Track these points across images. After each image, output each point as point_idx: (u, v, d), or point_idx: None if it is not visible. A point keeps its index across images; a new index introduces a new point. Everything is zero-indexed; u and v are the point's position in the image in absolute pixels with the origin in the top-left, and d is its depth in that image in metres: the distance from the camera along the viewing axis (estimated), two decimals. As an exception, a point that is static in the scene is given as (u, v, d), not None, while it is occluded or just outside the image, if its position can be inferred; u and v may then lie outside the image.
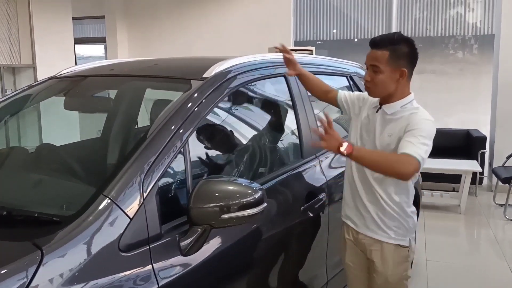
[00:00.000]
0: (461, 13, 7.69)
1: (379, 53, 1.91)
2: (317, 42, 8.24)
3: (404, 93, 1.97)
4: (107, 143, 2.23)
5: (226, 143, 2.17)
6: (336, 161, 2.51)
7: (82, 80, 2.35)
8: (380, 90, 1.95)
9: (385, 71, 1.91)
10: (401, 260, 2.03)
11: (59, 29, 5.97)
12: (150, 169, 1.52)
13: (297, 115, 2.32)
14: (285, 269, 2.06)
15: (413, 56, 1.96)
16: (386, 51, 1.90)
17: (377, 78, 1.92)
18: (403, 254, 2.03)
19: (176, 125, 1.66)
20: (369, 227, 2.04)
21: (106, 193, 1.42)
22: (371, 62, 1.94)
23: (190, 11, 7.18)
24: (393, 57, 1.90)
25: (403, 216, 2.01)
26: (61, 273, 1.25)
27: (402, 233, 2.02)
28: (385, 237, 2.02)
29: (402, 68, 1.92)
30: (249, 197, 1.56)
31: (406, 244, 2.03)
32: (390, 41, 1.92)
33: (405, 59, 1.92)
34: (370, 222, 2.03)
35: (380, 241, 2.03)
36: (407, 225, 2.03)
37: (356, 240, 2.12)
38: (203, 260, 1.58)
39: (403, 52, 1.92)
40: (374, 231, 2.03)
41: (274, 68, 2.36)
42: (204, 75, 1.93)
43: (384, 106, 1.98)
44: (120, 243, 1.37)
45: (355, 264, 2.16)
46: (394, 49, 1.90)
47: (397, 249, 2.02)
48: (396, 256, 2.02)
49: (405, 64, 1.92)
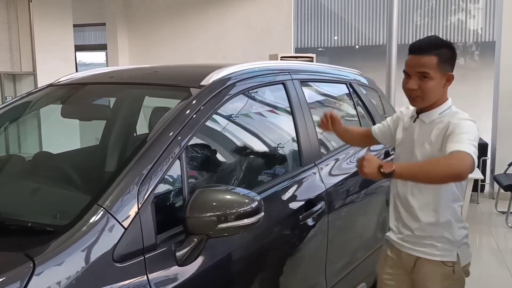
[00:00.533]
0: (462, 20, 7.69)
1: (427, 59, 1.80)
2: (318, 49, 8.25)
3: (444, 99, 1.88)
4: (104, 151, 2.22)
5: (224, 151, 2.16)
6: (336, 169, 2.49)
7: (79, 88, 2.34)
8: (430, 97, 1.84)
9: (435, 77, 1.80)
10: (442, 278, 1.90)
11: (60, 36, 5.99)
12: (146, 178, 1.50)
13: (296, 122, 2.30)
14: (282, 278, 2.03)
15: (455, 60, 1.88)
16: (434, 56, 1.80)
17: (427, 85, 1.81)
18: (445, 271, 1.90)
19: (173, 134, 1.65)
20: (411, 244, 1.94)
21: (101, 203, 1.40)
22: (418, 69, 1.81)
23: (191, 19, 7.19)
24: (441, 62, 1.81)
25: (447, 229, 1.89)
26: (53, 284, 1.23)
27: (447, 248, 1.90)
28: (425, 254, 1.91)
29: (450, 73, 1.84)
30: (246, 206, 1.54)
31: (450, 259, 1.90)
32: (435, 46, 1.82)
33: (450, 64, 1.85)
34: (412, 238, 1.94)
35: (423, 258, 1.92)
36: (452, 238, 1.90)
37: (398, 257, 2.01)
38: (199, 270, 1.55)
39: (448, 56, 1.84)
40: (414, 247, 1.93)
41: (273, 75, 2.34)
42: (202, 82, 1.92)
43: (422, 115, 1.90)
44: (114, 254, 1.35)
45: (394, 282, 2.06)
46: (440, 54, 1.81)
47: (439, 265, 1.90)
48: (436, 273, 1.90)
49: (451, 68, 1.85)
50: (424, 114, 1.90)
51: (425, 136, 1.86)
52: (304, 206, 2.14)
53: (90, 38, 9.51)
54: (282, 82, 2.34)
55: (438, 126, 1.83)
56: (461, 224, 1.95)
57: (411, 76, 1.84)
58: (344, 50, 8.37)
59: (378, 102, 3.37)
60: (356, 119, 3.04)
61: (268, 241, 1.91)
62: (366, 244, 2.78)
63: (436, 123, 1.85)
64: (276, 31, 6.75)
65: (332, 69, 3.07)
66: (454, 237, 1.90)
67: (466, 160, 1.61)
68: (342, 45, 8.28)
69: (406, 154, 1.94)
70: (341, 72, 3.10)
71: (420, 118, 1.91)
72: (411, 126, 1.95)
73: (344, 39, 8.17)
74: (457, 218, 1.93)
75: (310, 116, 2.40)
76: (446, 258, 1.90)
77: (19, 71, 5.62)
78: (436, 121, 1.86)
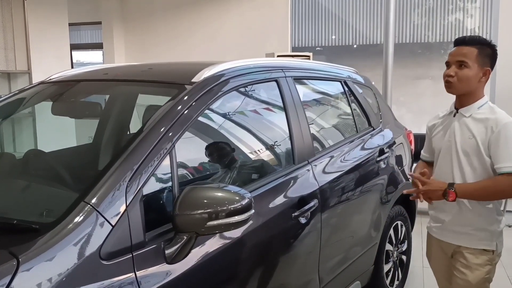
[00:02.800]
0: (460, 19, 7.68)
1: (468, 49, 1.98)
2: (316, 48, 8.23)
3: (480, 94, 2.04)
4: (95, 149, 2.20)
5: (216, 148, 2.14)
6: (329, 167, 2.47)
7: (70, 85, 2.32)
8: (463, 86, 1.99)
9: (472, 67, 1.97)
10: (484, 263, 2.06)
11: (55, 35, 5.94)
12: (134, 175, 1.48)
13: (289, 120, 2.28)
14: (274, 276, 2.01)
15: (495, 60, 2.04)
16: (474, 48, 1.98)
17: (462, 73, 1.97)
18: (487, 257, 2.06)
19: (163, 130, 1.63)
20: (453, 231, 2.10)
21: (88, 200, 1.39)
22: (458, 58, 1.99)
23: (187, 18, 7.17)
24: (481, 55, 1.98)
25: (489, 221, 2.04)
26: (38, 283, 1.21)
27: (487, 237, 2.05)
28: (468, 243, 2.06)
29: (487, 68, 1.99)
30: (236, 203, 1.52)
31: (491, 248, 2.06)
32: (478, 41, 2.01)
33: (490, 60, 2.01)
34: (454, 226, 2.09)
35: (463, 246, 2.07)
36: (493, 229, 2.05)
37: (440, 243, 2.19)
38: (189, 268, 1.54)
39: (489, 53, 2.00)
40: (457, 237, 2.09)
41: (267, 72, 2.33)
42: (194, 79, 1.90)
43: (462, 110, 2.04)
44: (101, 251, 1.34)
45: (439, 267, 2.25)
46: (481, 48, 1.99)
47: (481, 252, 2.05)
48: (480, 259, 2.05)
49: (489, 65, 2.00)
50: (463, 109, 2.04)
51: (467, 130, 2.01)
52: (297, 204, 2.12)
53: (87, 37, 9.47)
54: (275, 79, 2.32)
55: (480, 122, 1.98)
56: (500, 216, 2.09)
57: (451, 64, 2.02)
58: (342, 49, 8.34)
59: (373, 101, 3.35)
60: (351, 117, 3.03)
61: (260, 239, 1.90)
62: (360, 242, 2.77)
63: (476, 118, 2.00)
64: (273, 30, 6.73)
65: (326, 66, 3.05)
66: (494, 228, 2.06)
67: None
68: (339, 44, 8.26)
69: (446, 147, 2.09)
70: (336, 70, 3.08)
71: (459, 112, 2.05)
72: (450, 120, 2.10)
73: (341, 38, 8.14)
74: (498, 211, 2.08)
75: (303, 113, 2.38)
76: (487, 247, 2.05)
77: (14, 69, 5.59)
78: (475, 115, 2.01)
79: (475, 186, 1.97)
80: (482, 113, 2.00)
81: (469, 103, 2.03)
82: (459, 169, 2.03)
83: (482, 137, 1.96)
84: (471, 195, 1.97)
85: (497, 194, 1.96)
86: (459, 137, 2.03)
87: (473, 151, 1.98)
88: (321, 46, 8.28)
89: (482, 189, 1.95)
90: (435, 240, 2.22)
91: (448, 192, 1.92)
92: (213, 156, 2.12)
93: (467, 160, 2.00)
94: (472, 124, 2.00)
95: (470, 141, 1.98)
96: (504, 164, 1.89)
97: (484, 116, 1.98)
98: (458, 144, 2.02)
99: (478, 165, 1.99)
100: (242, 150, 2.25)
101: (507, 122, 1.93)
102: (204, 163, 2.05)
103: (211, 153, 2.10)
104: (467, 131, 2.01)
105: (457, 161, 2.03)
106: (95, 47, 8.53)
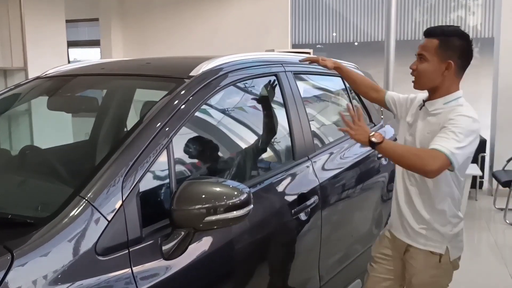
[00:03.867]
0: (462, 16, 7.65)
1: (428, 41, 1.86)
2: (316, 45, 8.19)
3: (450, 89, 1.88)
4: (92, 145, 2.17)
5: (214, 143, 2.11)
6: (329, 163, 2.45)
7: (67, 80, 2.29)
8: (424, 81, 1.88)
9: (431, 61, 1.84)
10: (429, 266, 1.95)
11: (51, 32, 5.89)
12: (131, 170, 1.46)
13: (289, 115, 2.26)
14: (273, 273, 1.99)
15: (466, 52, 1.87)
16: (436, 40, 1.84)
17: (420, 67, 1.87)
18: (432, 260, 1.95)
19: (160, 124, 1.60)
20: (405, 231, 2.00)
21: (83, 194, 1.36)
22: (419, 50, 1.88)
23: (186, 14, 7.13)
24: (442, 47, 1.83)
25: (441, 222, 1.93)
26: (33, 277, 1.20)
27: (436, 239, 1.94)
28: (416, 242, 1.97)
29: (449, 60, 1.83)
30: (234, 198, 1.50)
31: (438, 251, 1.94)
32: (443, 32, 1.86)
33: (455, 52, 1.84)
34: (406, 226, 1.99)
35: (412, 246, 1.98)
36: (444, 231, 1.93)
37: (393, 242, 2.09)
38: (187, 264, 1.52)
39: (455, 44, 1.84)
40: (408, 236, 1.99)
41: (266, 67, 2.30)
42: (192, 73, 1.87)
43: (427, 103, 1.92)
44: (97, 246, 1.32)
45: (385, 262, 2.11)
46: (444, 40, 1.84)
47: (427, 254, 1.95)
48: (424, 261, 1.95)
49: (454, 57, 1.84)
50: (429, 102, 1.92)
51: (427, 125, 1.89)
52: (297, 200, 2.10)
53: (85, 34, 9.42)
54: (275, 74, 2.29)
55: (439, 117, 1.85)
56: (455, 219, 1.97)
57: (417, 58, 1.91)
58: (343, 46, 8.32)
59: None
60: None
61: (259, 235, 1.87)
62: (361, 239, 2.74)
63: (438, 113, 1.86)
64: (273, 26, 6.70)
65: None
66: (445, 231, 1.94)
67: (438, 160, 1.68)
68: (341, 41, 8.23)
69: (411, 139, 1.97)
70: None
71: (425, 106, 1.93)
72: (417, 113, 1.98)
73: (343, 35, 8.11)
74: (453, 213, 1.96)
75: (303, 109, 2.36)
76: (435, 249, 1.94)
77: (10, 66, 5.55)
78: (440, 111, 1.86)
79: (396, 144, 1.86)
80: (446, 109, 1.84)
81: (435, 97, 1.89)
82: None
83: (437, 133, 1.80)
84: (390, 149, 1.77)
85: (408, 159, 1.73)
86: (419, 133, 1.91)
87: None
88: (322, 43, 8.25)
89: (400, 149, 1.81)
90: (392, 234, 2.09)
91: (376, 134, 1.76)
92: (210, 150, 2.09)
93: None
94: (433, 119, 1.87)
95: (428, 137, 1.83)
96: (437, 143, 1.71)
97: (445, 112, 1.83)
98: (417, 140, 1.90)
99: None
100: (241, 145, 2.23)
101: (462, 115, 1.78)
102: (202, 158, 2.03)
103: (209, 147, 2.08)
104: (427, 127, 1.88)
105: None
106: (92, 44, 8.46)
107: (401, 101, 2.13)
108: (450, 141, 1.70)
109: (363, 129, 1.81)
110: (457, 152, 1.70)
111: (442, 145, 1.69)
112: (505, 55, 5.84)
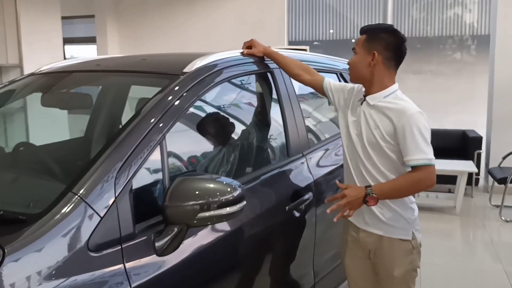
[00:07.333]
0: (458, 14, 7.65)
1: (359, 37, 2.00)
2: (313, 42, 8.18)
3: (385, 83, 1.96)
4: (86, 141, 2.17)
5: (208, 139, 2.11)
6: (324, 160, 2.45)
7: (61, 76, 2.28)
8: (355, 72, 2.00)
9: (359, 53, 1.97)
10: (405, 254, 1.99)
11: (47, 28, 5.85)
12: (124, 166, 1.45)
13: (283, 112, 2.26)
14: (267, 269, 2.00)
15: (392, 45, 1.94)
16: (364, 35, 1.98)
17: (351, 59, 2.00)
18: (406, 247, 1.99)
19: (153, 121, 1.60)
20: (368, 222, 2.00)
21: (75, 191, 1.36)
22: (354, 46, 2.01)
23: (181, 11, 7.11)
24: (368, 41, 1.95)
25: (402, 208, 1.97)
26: (24, 274, 1.19)
27: (403, 227, 1.98)
28: (385, 232, 1.98)
29: (373, 51, 1.93)
30: (228, 194, 1.50)
31: (408, 238, 1.99)
32: (369, 28, 2.00)
33: (380, 44, 1.93)
34: (368, 217, 1.99)
35: (381, 236, 1.99)
36: (407, 216, 1.99)
37: (356, 239, 2.07)
38: (180, 261, 1.52)
39: (381, 38, 1.94)
40: (374, 226, 1.99)
41: (261, 63, 2.29)
42: (185, 69, 1.87)
43: (368, 97, 1.97)
44: (90, 243, 1.32)
45: (355, 266, 2.11)
46: (371, 34, 1.96)
47: (399, 243, 1.98)
48: (398, 251, 1.98)
49: (379, 48, 1.93)
50: (369, 97, 1.97)
51: (371, 120, 1.93)
52: (291, 197, 2.10)
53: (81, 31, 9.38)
54: (270, 70, 2.29)
55: (385, 112, 1.90)
56: (413, 204, 2.05)
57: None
58: (340, 43, 8.30)
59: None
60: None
61: (252, 231, 1.88)
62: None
63: (381, 107, 1.92)
64: (269, 23, 6.68)
65: (322, 58, 3.02)
66: (409, 216, 2.00)
67: (430, 173, 1.84)
68: (337, 39, 8.22)
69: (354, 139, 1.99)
70: (332, 62, 3.05)
71: (366, 100, 1.97)
72: (359, 108, 2.01)
73: (339, 32, 8.10)
74: (410, 199, 2.03)
75: (298, 105, 2.36)
76: (404, 236, 1.99)
77: (5, 63, 5.52)
78: (381, 104, 1.92)
79: (391, 185, 1.88)
80: (388, 102, 1.91)
81: (374, 91, 1.94)
82: (369, 162, 1.93)
83: (386, 128, 1.88)
84: (390, 195, 1.89)
85: (411, 189, 1.89)
86: (364, 128, 1.94)
87: (378, 142, 1.89)
88: (319, 40, 8.24)
89: (398, 187, 1.87)
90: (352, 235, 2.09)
91: (367, 199, 1.84)
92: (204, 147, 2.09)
93: (374, 152, 1.91)
94: (377, 114, 1.91)
95: (375, 132, 1.90)
96: (412, 157, 1.82)
97: (388, 106, 1.90)
98: (364, 136, 1.93)
99: (385, 156, 1.90)
100: (235, 142, 2.22)
101: (412, 113, 1.85)
102: (195, 154, 2.02)
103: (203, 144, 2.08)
104: (372, 121, 1.92)
105: (365, 154, 1.94)
106: (88, 41, 8.42)
107: (337, 88, 2.16)
108: (424, 150, 1.83)
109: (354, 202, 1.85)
110: (430, 151, 1.85)
111: (423, 157, 1.82)
112: (501, 52, 5.85)
